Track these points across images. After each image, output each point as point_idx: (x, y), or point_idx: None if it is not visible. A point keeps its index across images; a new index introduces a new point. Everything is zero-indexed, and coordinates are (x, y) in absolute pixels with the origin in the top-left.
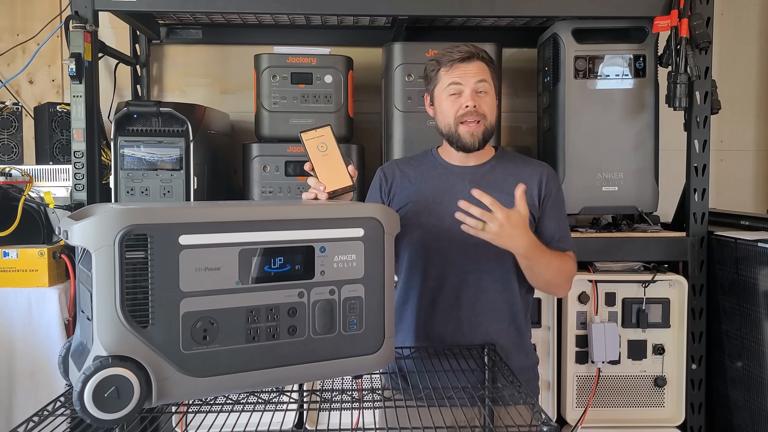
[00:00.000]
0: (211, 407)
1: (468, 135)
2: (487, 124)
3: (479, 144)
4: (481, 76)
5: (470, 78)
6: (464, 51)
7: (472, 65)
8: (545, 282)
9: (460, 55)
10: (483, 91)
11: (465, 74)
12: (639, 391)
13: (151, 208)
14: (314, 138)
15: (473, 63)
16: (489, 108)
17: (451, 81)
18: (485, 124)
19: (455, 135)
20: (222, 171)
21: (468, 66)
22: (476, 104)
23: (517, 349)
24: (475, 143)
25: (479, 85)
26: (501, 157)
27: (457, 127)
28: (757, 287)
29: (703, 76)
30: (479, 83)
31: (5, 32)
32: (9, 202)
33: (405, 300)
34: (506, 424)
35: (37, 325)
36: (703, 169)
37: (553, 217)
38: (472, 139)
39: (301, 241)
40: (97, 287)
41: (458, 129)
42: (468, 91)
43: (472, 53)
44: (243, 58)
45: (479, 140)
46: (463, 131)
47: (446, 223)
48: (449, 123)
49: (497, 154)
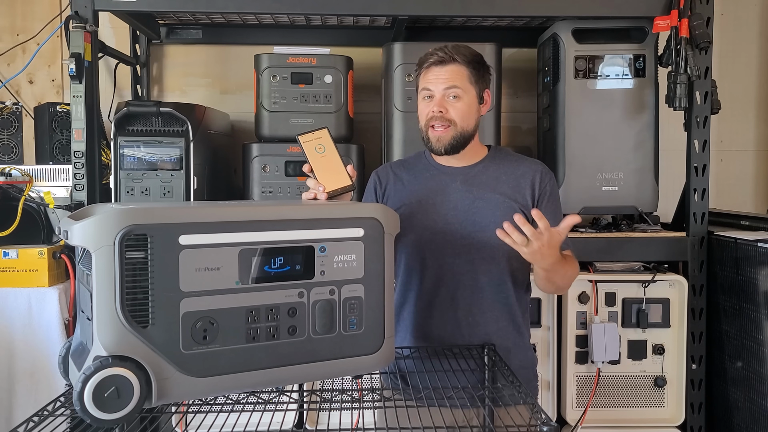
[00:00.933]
0: (211, 407)
1: (435, 139)
2: (457, 129)
3: (446, 148)
4: (452, 82)
5: (440, 84)
6: (439, 55)
7: (445, 69)
8: (555, 288)
9: (434, 59)
10: (455, 95)
11: (436, 79)
12: (639, 391)
13: (151, 208)
14: (312, 140)
15: (446, 67)
16: (459, 113)
17: (423, 86)
18: (455, 130)
19: (426, 138)
20: (222, 171)
21: (441, 70)
22: (443, 110)
23: (516, 348)
24: (441, 148)
25: (449, 91)
26: (494, 157)
27: (427, 130)
28: (757, 287)
29: (703, 76)
30: (449, 89)
31: (5, 32)
32: (9, 202)
33: (403, 302)
34: (506, 424)
35: (37, 325)
36: (703, 169)
37: (549, 215)
38: (438, 144)
39: (301, 241)
40: (97, 287)
41: (428, 133)
42: (438, 96)
43: (446, 57)
44: (243, 58)
45: (446, 145)
46: (431, 135)
47: (439, 224)
48: (421, 126)
49: (490, 154)
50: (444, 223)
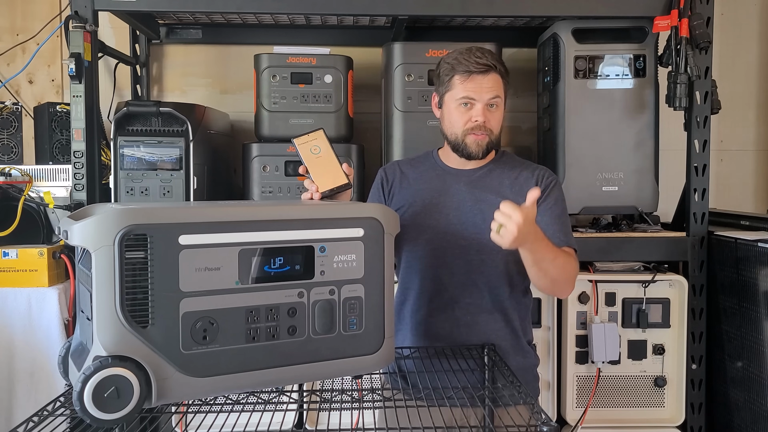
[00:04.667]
0: (211, 407)
1: (474, 144)
2: (493, 137)
3: (483, 153)
4: (495, 92)
5: (485, 94)
6: (482, 63)
7: (487, 78)
8: (551, 280)
9: (478, 68)
10: (495, 105)
11: (480, 88)
12: (639, 391)
13: (150, 208)
14: (307, 142)
15: (489, 76)
16: (497, 122)
17: (464, 93)
18: (491, 137)
19: (461, 144)
20: (222, 171)
21: (484, 79)
22: (486, 119)
23: (513, 350)
24: (479, 153)
25: (492, 101)
26: (499, 161)
27: (464, 137)
28: (757, 287)
29: (703, 76)
30: (493, 99)
31: (5, 32)
32: (9, 202)
33: (403, 301)
34: (506, 424)
35: (36, 325)
36: (703, 169)
37: (552, 214)
38: (477, 148)
39: (301, 241)
40: (96, 287)
41: (465, 139)
42: (480, 105)
43: (490, 66)
44: (243, 58)
45: (483, 150)
46: (470, 140)
47: (441, 224)
48: (456, 132)
49: (496, 158)
50: (446, 223)
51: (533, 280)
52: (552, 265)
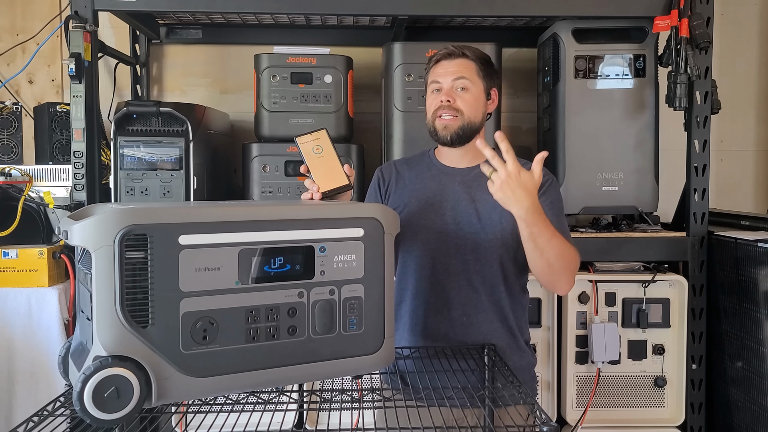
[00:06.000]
0: (211, 407)
1: (441, 127)
2: (464, 119)
3: (452, 137)
4: (460, 73)
5: (448, 75)
6: (449, 49)
7: (453, 62)
8: (547, 263)
9: (443, 53)
10: (463, 87)
11: (445, 71)
12: (639, 391)
13: (150, 208)
14: (309, 141)
15: (454, 60)
16: (466, 104)
17: (432, 78)
18: (463, 119)
19: (433, 130)
20: (222, 171)
21: (449, 63)
22: (451, 99)
23: (510, 349)
24: (447, 136)
25: (457, 82)
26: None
27: (434, 122)
28: (757, 287)
29: (703, 76)
30: (457, 80)
31: (5, 32)
32: (9, 202)
33: (400, 300)
34: (506, 424)
35: (36, 325)
36: (703, 169)
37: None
38: (445, 131)
39: (300, 241)
40: (96, 287)
41: (435, 123)
42: (446, 87)
43: (455, 52)
44: (243, 58)
45: (452, 133)
46: (438, 124)
47: (437, 224)
48: (429, 119)
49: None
50: (442, 223)
51: (531, 264)
52: (549, 245)
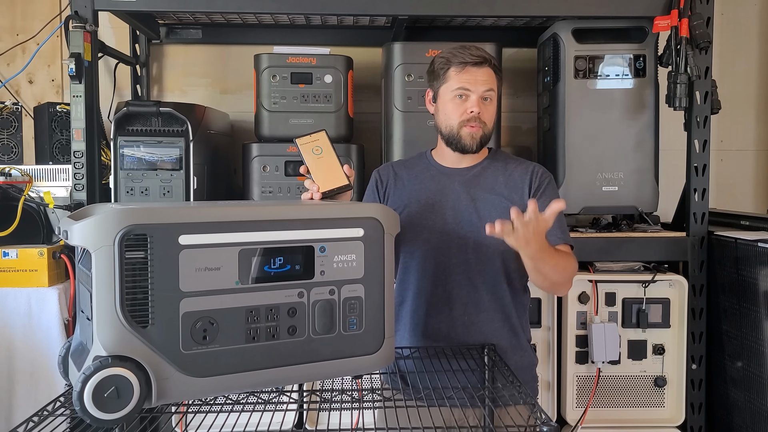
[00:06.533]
0: (211, 407)
1: (469, 137)
2: (486, 130)
3: (477, 146)
4: (490, 85)
5: (479, 85)
6: (477, 56)
7: (482, 71)
8: (551, 282)
9: (473, 60)
10: (488, 98)
11: (475, 80)
12: (639, 391)
13: (150, 208)
14: (309, 142)
15: (483, 69)
16: (490, 116)
17: (460, 84)
18: (485, 130)
19: (456, 137)
20: (222, 171)
21: (479, 72)
22: (480, 111)
23: (513, 349)
24: (473, 145)
25: (486, 93)
26: (493, 159)
27: (460, 129)
28: (757, 287)
29: (703, 76)
30: (487, 92)
31: (5, 32)
32: (9, 202)
33: (401, 301)
34: (506, 424)
35: (36, 325)
36: (703, 169)
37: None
38: (471, 141)
39: (300, 241)
40: (96, 287)
41: (461, 131)
42: (475, 97)
43: (485, 59)
44: (243, 58)
45: (477, 143)
46: (465, 133)
47: (438, 224)
48: (451, 125)
49: (489, 156)
50: (442, 223)
51: (532, 279)
52: (553, 270)
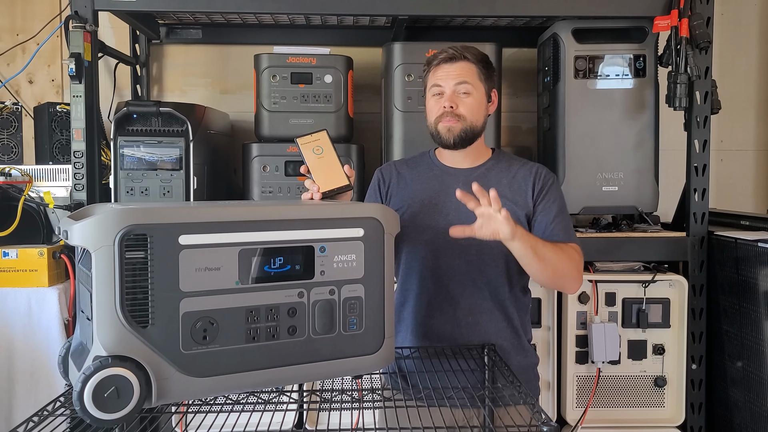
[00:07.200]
0: (211, 407)
1: (445, 130)
2: (467, 123)
3: (455, 140)
4: (462, 78)
5: (450, 80)
6: (449, 52)
7: (454, 66)
8: (551, 273)
9: (444, 56)
10: (465, 92)
11: (446, 75)
12: (639, 391)
13: (150, 208)
14: (309, 142)
15: (456, 64)
16: (469, 109)
17: (434, 82)
18: (464, 124)
19: (436, 133)
20: (222, 171)
21: (451, 67)
22: (453, 105)
23: (515, 349)
24: (451, 139)
25: (460, 87)
26: (497, 160)
27: (437, 125)
28: (757, 287)
29: (703, 76)
30: (459, 85)
31: (5, 32)
32: (9, 202)
33: (403, 301)
34: (506, 424)
35: (36, 325)
36: (703, 169)
37: (550, 209)
38: (448, 134)
39: (300, 241)
40: (96, 287)
41: (438, 127)
42: (448, 92)
43: (456, 54)
44: (243, 58)
45: (455, 136)
46: (441, 128)
47: (441, 224)
48: (431, 122)
49: (493, 157)
50: (445, 223)
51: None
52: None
